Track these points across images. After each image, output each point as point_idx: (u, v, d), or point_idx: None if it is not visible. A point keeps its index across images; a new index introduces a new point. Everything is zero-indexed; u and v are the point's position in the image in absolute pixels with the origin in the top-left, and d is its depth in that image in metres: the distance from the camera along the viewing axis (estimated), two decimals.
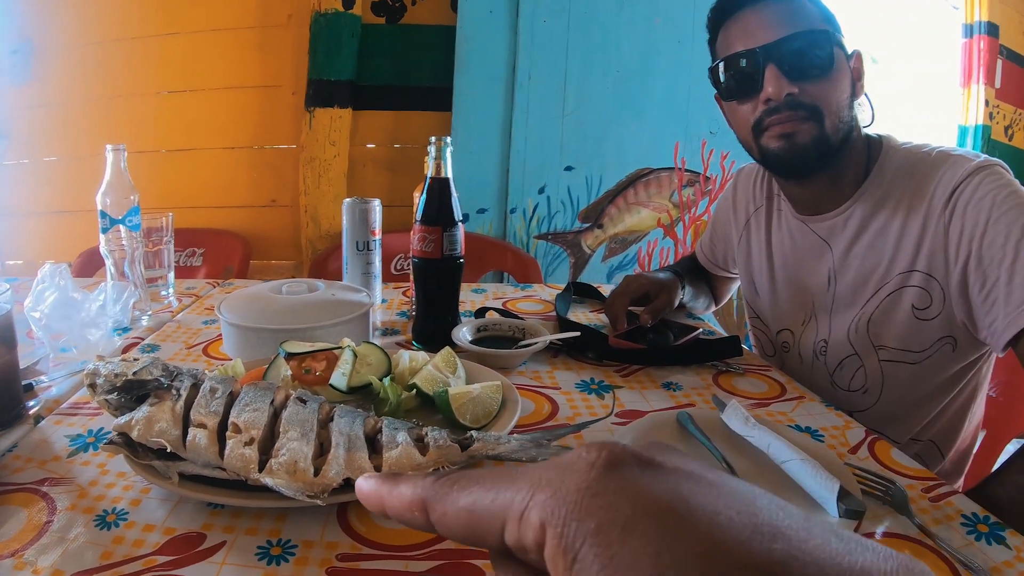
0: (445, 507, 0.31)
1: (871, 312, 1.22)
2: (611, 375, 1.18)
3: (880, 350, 1.22)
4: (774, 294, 1.42)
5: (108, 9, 2.78)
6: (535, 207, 2.76)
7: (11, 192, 2.96)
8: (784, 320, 1.41)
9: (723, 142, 2.74)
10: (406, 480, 0.33)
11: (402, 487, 0.33)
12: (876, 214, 1.20)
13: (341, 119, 2.72)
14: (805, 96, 1.13)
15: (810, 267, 1.32)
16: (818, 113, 1.14)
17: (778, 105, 1.14)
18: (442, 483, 0.32)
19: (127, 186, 1.44)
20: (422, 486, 0.32)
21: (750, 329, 1.55)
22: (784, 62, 1.13)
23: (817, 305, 1.32)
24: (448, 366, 1.02)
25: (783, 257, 1.38)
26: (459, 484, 0.31)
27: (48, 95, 2.85)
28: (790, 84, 1.13)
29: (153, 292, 1.51)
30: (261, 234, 2.89)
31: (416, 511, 0.32)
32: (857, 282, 1.23)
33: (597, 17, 2.63)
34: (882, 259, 1.19)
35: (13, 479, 0.80)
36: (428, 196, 1.23)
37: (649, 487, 0.26)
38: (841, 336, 1.27)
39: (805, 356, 1.35)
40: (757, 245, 1.45)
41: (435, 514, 0.31)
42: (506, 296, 1.71)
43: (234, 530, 0.71)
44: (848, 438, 0.97)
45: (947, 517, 0.77)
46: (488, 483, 0.30)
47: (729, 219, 1.55)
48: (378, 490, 0.34)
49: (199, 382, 0.79)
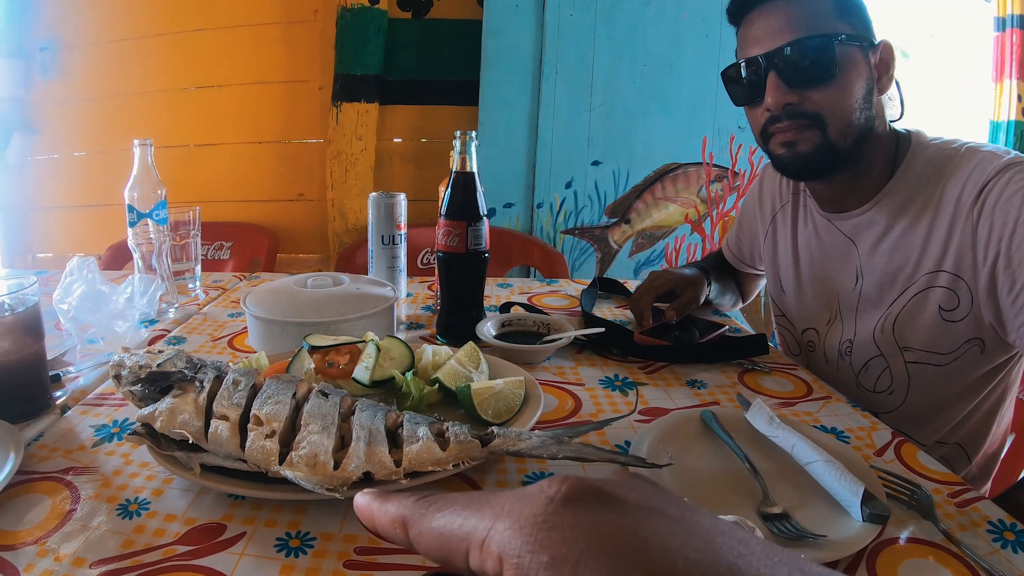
0: (421, 527, 0.32)
1: (897, 312, 1.19)
2: (635, 372, 1.17)
3: (906, 351, 1.20)
4: (799, 292, 1.40)
5: (135, 6, 2.81)
6: (562, 202, 2.75)
7: (41, 187, 3.00)
8: (809, 319, 1.39)
9: (751, 137, 2.68)
10: (394, 498, 0.35)
11: (389, 504, 0.34)
12: (903, 212, 1.17)
13: (368, 114, 2.73)
14: (807, 104, 1.11)
15: (836, 266, 1.29)
16: (820, 120, 1.12)
17: (778, 114, 1.13)
18: (422, 503, 0.33)
19: (154, 180, 1.45)
20: (404, 505, 0.33)
21: (776, 327, 1.53)
22: (784, 70, 1.11)
23: (843, 304, 1.30)
24: (471, 361, 1.02)
25: (809, 255, 1.36)
26: (435, 506, 0.32)
27: (77, 91, 2.89)
28: (789, 93, 1.11)
29: (180, 285, 1.53)
30: (288, 228, 2.91)
31: (398, 528, 0.33)
32: (883, 281, 1.21)
33: (624, 10, 2.61)
34: (909, 258, 1.16)
35: (39, 468, 0.81)
36: (453, 190, 1.23)
37: (605, 522, 0.27)
38: (867, 336, 1.25)
39: (830, 356, 1.33)
40: (783, 242, 1.43)
41: (413, 532, 0.32)
42: (531, 291, 1.70)
43: (254, 522, 0.71)
44: (874, 440, 0.95)
45: (973, 523, 0.75)
46: (460, 507, 0.31)
47: (755, 215, 1.53)
48: (369, 505, 0.36)
49: (222, 374, 0.79)
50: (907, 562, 0.67)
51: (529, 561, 0.26)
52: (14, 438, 0.80)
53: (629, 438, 0.92)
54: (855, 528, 0.70)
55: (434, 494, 0.33)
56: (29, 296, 0.93)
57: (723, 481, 0.81)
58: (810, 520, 0.72)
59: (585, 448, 0.74)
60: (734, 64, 1.19)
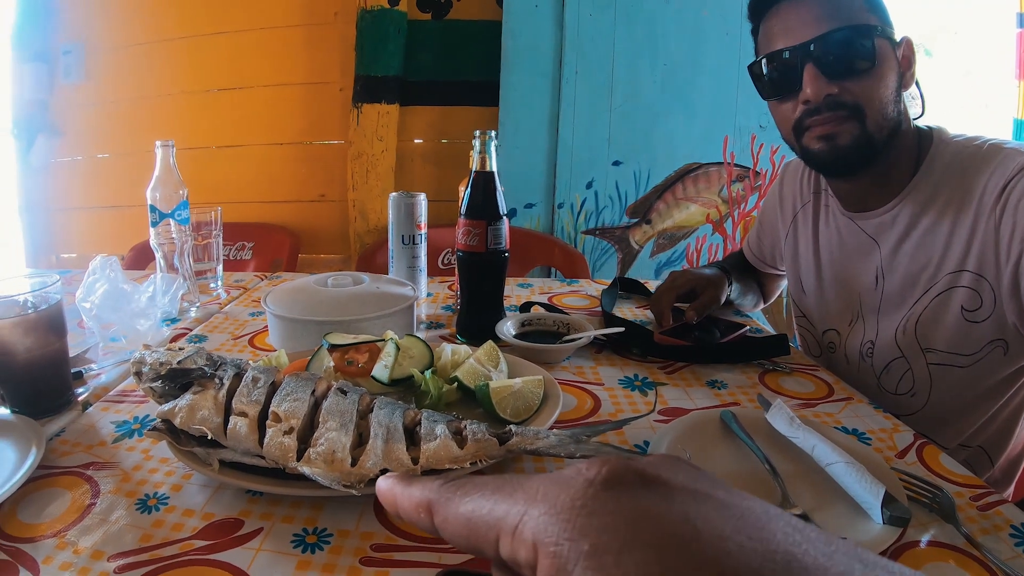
0: (447, 512, 0.31)
1: (919, 313, 1.17)
2: (655, 372, 1.16)
3: (928, 352, 1.18)
4: (820, 293, 1.39)
5: (157, 10, 2.85)
6: (583, 202, 2.75)
7: (65, 188, 3.05)
8: (830, 320, 1.37)
9: (773, 136, 2.67)
10: (419, 482, 0.33)
11: (413, 488, 0.33)
12: (925, 212, 1.15)
13: (388, 115, 2.73)
14: (846, 95, 1.10)
15: (858, 266, 1.28)
16: (860, 112, 1.10)
17: (818, 106, 1.11)
18: (448, 487, 0.31)
19: (176, 181, 1.46)
20: (430, 488, 0.32)
21: (796, 328, 1.52)
22: (823, 61, 1.09)
23: (864, 305, 1.28)
24: (490, 360, 1.02)
25: (830, 255, 1.34)
26: (463, 490, 0.31)
27: (100, 94, 2.93)
28: (829, 84, 1.09)
29: (202, 284, 1.54)
30: (310, 228, 2.93)
31: (423, 512, 0.32)
32: (905, 282, 1.19)
33: (644, 9, 2.60)
34: (931, 258, 1.15)
35: (60, 462, 0.82)
36: (473, 190, 1.23)
37: (651, 509, 0.25)
38: (888, 337, 1.23)
39: (851, 357, 1.32)
40: (804, 242, 1.42)
41: (438, 518, 0.31)
42: (552, 291, 1.70)
43: (271, 517, 0.71)
44: (896, 442, 0.93)
45: (995, 527, 0.73)
46: (489, 491, 0.29)
47: (776, 215, 1.52)
48: (392, 489, 0.34)
49: (242, 372, 0.80)
50: (928, 566, 0.66)
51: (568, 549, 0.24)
52: (36, 433, 0.81)
53: (648, 438, 0.91)
54: (875, 531, 0.69)
55: (462, 477, 0.31)
56: (52, 294, 0.94)
57: (742, 482, 0.80)
58: (830, 522, 0.71)
59: (603, 447, 0.74)
60: (764, 56, 1.17)
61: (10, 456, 0.78)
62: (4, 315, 0.89)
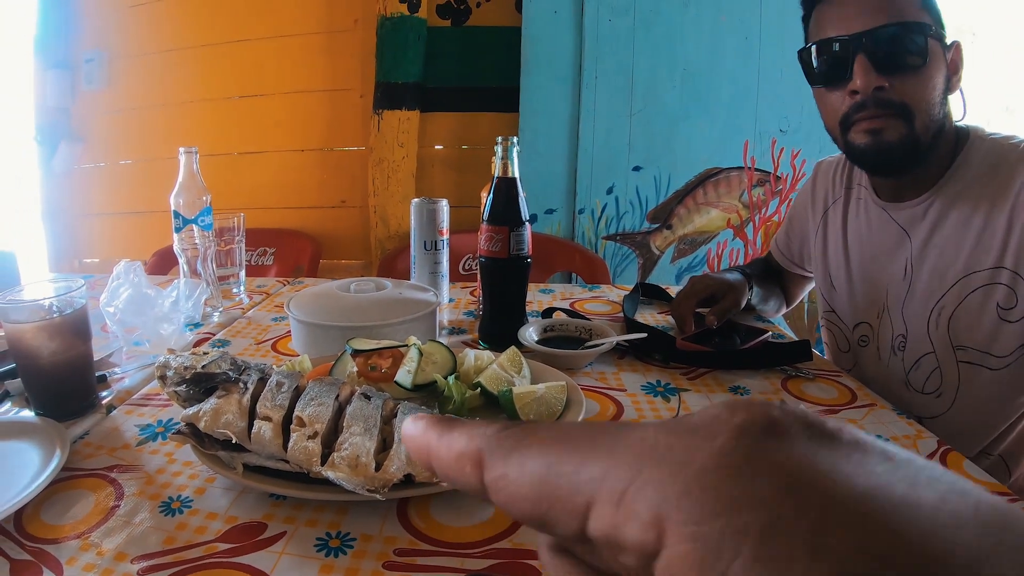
0: (507, 468, 0.23)
1: (953, 307, 1.16)
2: (677, 378, 1.16)
3: (959, 350, 1.17)
4: (850, 286, 1.38)
5: (178, 18, 2.88)
6: (603, 207, 2.74)
7: (87, 194, 3.08)
8: (861, 313, 1.36)
9: (793, 140, 2.68)
10: (462, 427, 0.25)
11: (456, 434, 0.25)
12: (957, 205, 1.15)
13: (409, 121, 2.74)
14: (894, 92, 1.09)
15: (887, 256, 1.27)
16: (907, 111, 1.09)
17: (865, 100, 1.10)
18: (508, 435, 0.24)
19: (199, 187, 1.47)
20: (481, 435, 0.24)
21: (823, 325, 1.50)
22: (875, 53, 1.08)
23: (891, 296, 1.27)
24: (513, 365, 1.01)
25: (859, 245, 1.34)
26: (528, 441, 0.23)
27: (122, 101, 2.96)
28: (879, 77, 1.08)
29: (225, 290, 1.55)
30: (331, 234, 2.94)
31: (468, 466, 0.24)
32: (934, 274, 1.19)
33: (662, 15, 2.60)
34: (962, 252, 1.14)
35: (84, 465, 0.82)
36: (495, 196, 1.23)
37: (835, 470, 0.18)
38: (920, 331, 1.22)
39: (883, 351, 1.31)
40: (834, 236, 1.41)
41: (492, 473, 0.23)
42: (574, 296, 1.69)
43: (295, 521, 0.71)
44: (919, 448, 0.92)
45: None
46: (571, 445, 0.22)
47: (807, 212, 1.52)
48: (426, 435, 0.26)
49: (266, 376, 0.80)
50: None
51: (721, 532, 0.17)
52: (61, 435, 0.81)
53: None
54: None
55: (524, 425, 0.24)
56: (77, 298, 0.94)
57: None
58: None
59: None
60: (817, 42, 1.16)
61: (35, 458, 0.78)
62: (30, 319, 0.90)
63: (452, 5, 2.73)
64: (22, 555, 0.65)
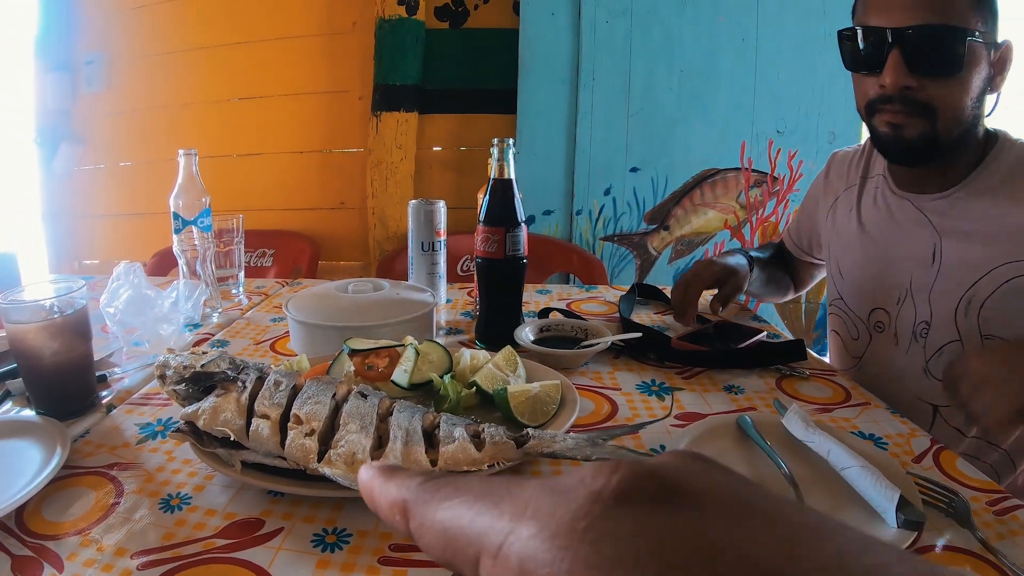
0: (424, 517, 0.25)
1: (985, 296, 1.16)
2: (672, 377, 1.17)
3: (987, 339, 1.17)
4: (865, 272, 1.37)
5: (178, 20, 2.89)
6: (601, 208, 2.75)
7: (87, 195, 3.09)
8: (877, 299, 1.35)
9: (790, 141, 2.69)
10: (398, 476, 0.27)
11: (392, 484, 0.27)
12: (988, 199, 1.15)
13: (407, 123, 2.75)
14: (922, 93, 1.09)
15: (910, 241, 1.26)
16: (932, 112, 1.10)
17: (892, 95, 1.11)
18: (428, 487, 0.26)
19: (199, 189, 1.48)
20: (408, 486, 0.26)
21: (831, 314, 1.50)
22: (909, 51, 1.07)
23: (916, 282, 1.26)
24: (509, 365, 1.02)
25: (879, 232, 1.33)
26: (442, 492, 0.25)
27: (122, 103, 2.97)
28: (909, 76, 1.08)
29: (224, 291, 1.56)
30: (330, 235, 2.95)
31: (398, 514, 0.26)
32: (965, 262, 1.18)
33: (660, 16, 2.61)
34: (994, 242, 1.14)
35: (84, 463, 0.83)
36: (491, 197, 1.24)
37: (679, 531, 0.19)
38: (947, 318, 1.21)
39: (902, 337, 1.29)
40: (845, 222, 1.41)
41: (414, 522, 0.25)
42: (570, 297, 1.70)
43: (292, 517, 0.72)
44: (912, 447, 0.93)
45: (1011, 532, 0.73)
46: (472, 498, 0.24)
47: (818, 200, 1.53)
48: (371, 483, 0.28)
49: (264, 375, 0.81)
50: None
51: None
52: (61, 434, 0.83)
53: (664, 442, 0.92)
54: (890, 534, 0.69)
55: (445, 476, 0.26)
56: (78, 299, 0.95)
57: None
58: None
59: (619, 450, 0.74)
60: (856, 27, 1.15)
61: (36, 456, 0.79)
62: (31, 319, 0.91)
63: (450, 7, 2.74)
64: (23, 551, 0.66)
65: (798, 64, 2.64)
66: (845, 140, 2.65)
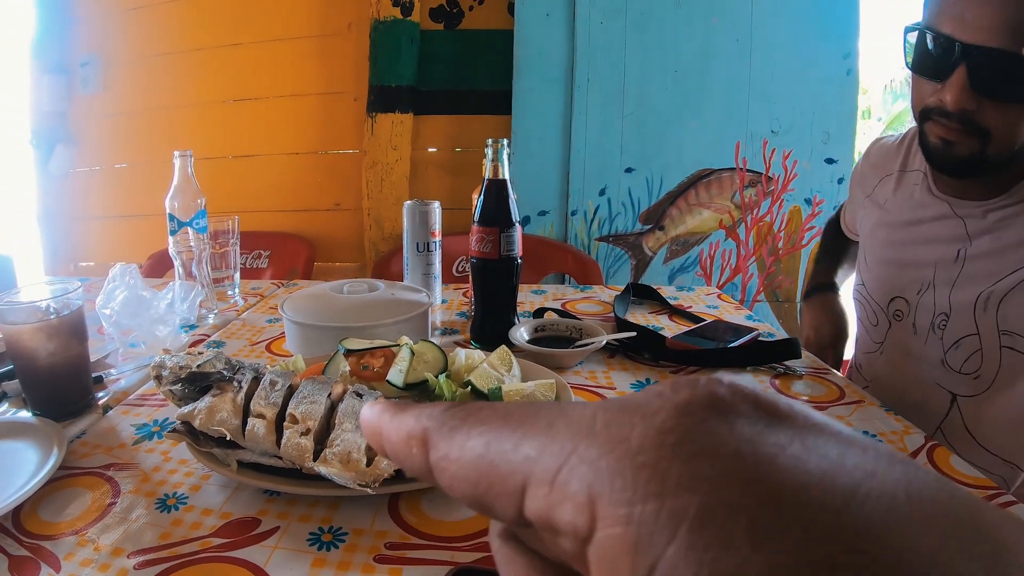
0: (449, 447, 0.21)
1: (1005, 291, 1.14)
2: (667, 376, 1.17)
3: (1004, 335, 1.16)
4: (889, 261, 1.37)
5: (173, 22, 2.89)
6: (596, 209, 2.76)
7: (83, 197, 3.09)
8: (896, 288, 1.34)
9: (785, 141, 2.70)
10: (413, 408, 0.23)
11: (406, 415, 0.23)
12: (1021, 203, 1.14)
13: (402, 124, 2.76)
14: (980, 115, 1.05)
15: (938, 239, 1.25)
16: (986, 135, 1.07)
17: (951, 112, 1.08)
18: (453, 414, 0.22)
19: (194, 190, 1.48)
20: (428, 415, 0.22)
21: (854, 299, 1.50)
22: (976, 73, 1.03)
23: (939, 275, 1.25)
24: (503, 364, 1.03)
25: (908, 225, 1.32)
26: (475, 417, 0.21)
27: (117, 104, 2.97)
28: (971, 99, 1.05)
29: (220, 292, 1.56)
30: (325, 237, 2.95)
31: (415, 446, 0.22)
32: (992, 259, 1.17)
33: (654, 17, 2.62)
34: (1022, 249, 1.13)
35: (80, 463, 0.83)
36: (485, 198, 1.24)
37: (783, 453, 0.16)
38: (966, 311, 1.20)
39: (920, 328, 1.29)
40: (877, 212, 1.41)
41: (436, 453, 0.21)
42: (566, 297, 1.71)
43: (288, 516, 0.73)
44: (907, 444, 0.94)
45: None
46: (515, 421, 0.20)
47: (858, 189, 1.53)
48: (379, 418, 0.24)
49: (260, 375, 0.81)
50: None
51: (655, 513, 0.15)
52: (58, 435, 0.83)
53: None
54: None
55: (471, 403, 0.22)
56: (74, 300, 0.96)
57: None
58: None
59: None
60: (926, 29, 1.09)
61: (32, 457, 0.79)
62: (27, 320, 0.91)
63: (445, 8, 2.75)
64: (20, 551, 0.66)
65: (792, 64, 2.65)
66: (839, 140, 2.67)
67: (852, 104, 2.67)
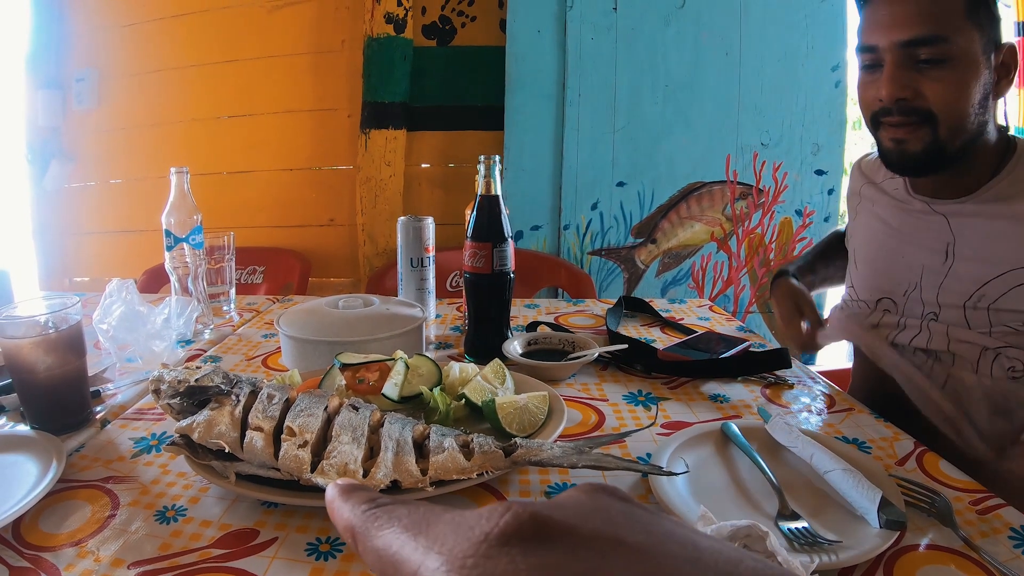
0: (366, 542, 0.27)
1: (996, 295, 1.15)
2: (659, 387, 1.18)
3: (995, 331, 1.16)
4: (876, 261, 1.37)
5: (168, 38, 2.91)
6: (588, 223, 2.78)
7: (78, 212, 3.10)
8: (884, 288, 1.35)
9: (775, 153, 2.72)
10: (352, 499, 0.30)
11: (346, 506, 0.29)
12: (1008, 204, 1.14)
13: (396, 140, 2.78)
14: (920, 101, 1.10)
15: (923, 237, 1.25)
16: (932, 118, 1.10)
17: (890, 108, 1.12)
18: (369, 515, 0.28)
19: (190, 206, 1.49)
20: (355, 512, 0.29)
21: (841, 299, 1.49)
22: (902, 63, 1.09)
23: (927, 276, 1.25)
24: (497, 377, 1.04)
25: (893, 226, 1.33)
26: (380, 521, 0.27)
27: (113, 120, 2.99)
28: (904, 88, 1.10)
29: (215, 307, 1.57)
30: (320, 252, 2.96)
31: (349, 537, 0.29)
32: (981, 260, 1.17)
33: (644, 32, 2.65)
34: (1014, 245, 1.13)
35: (80, 476, 0.84)
36: (478, 213, 1.26)
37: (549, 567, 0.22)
38: (956, 312, 1.20)
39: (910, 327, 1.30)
40: (865, 215, 1.42)
41: (360, 546, 0.28)
42: (558, 311, 1.72)
43: (286, 527, 0.74)
44: (896, 450, 0.96)
45: (994, 530, 0.75)
46: (400, 528, 0.26)
47: (848, 198, 1.53)
48: (332, 503, 0.31)
49: (257, 389, 0.83)
50: (926, 568, 0.68)
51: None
52: (57, 448, 0.84)
53: (650, 450, 0.93)
54: (872, 534, 0.71)
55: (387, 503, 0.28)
56: (72, 315, 0.97)
57: (741, 489, 0.82)
58: (827, 527, 0.73)
59: (605, 457, 0.76)
60: (857, 45, 1.18)
61: (31, 470, 0.81)
62: (26, 335, 0.92)
63: (438, 25, 2.77)
64: (21, 562, 0.67)
65: (781, 77, 2.68)
66: (829, 151, 2.70)
67: (841, 115, 2.70)
